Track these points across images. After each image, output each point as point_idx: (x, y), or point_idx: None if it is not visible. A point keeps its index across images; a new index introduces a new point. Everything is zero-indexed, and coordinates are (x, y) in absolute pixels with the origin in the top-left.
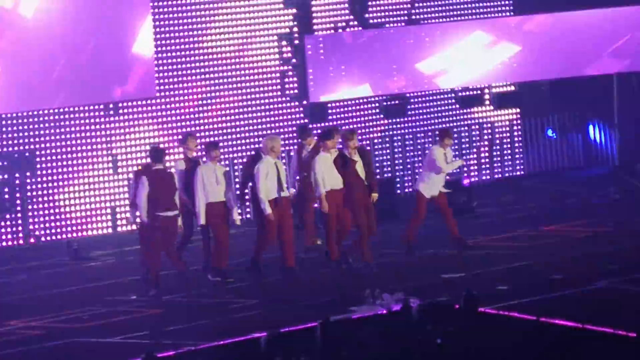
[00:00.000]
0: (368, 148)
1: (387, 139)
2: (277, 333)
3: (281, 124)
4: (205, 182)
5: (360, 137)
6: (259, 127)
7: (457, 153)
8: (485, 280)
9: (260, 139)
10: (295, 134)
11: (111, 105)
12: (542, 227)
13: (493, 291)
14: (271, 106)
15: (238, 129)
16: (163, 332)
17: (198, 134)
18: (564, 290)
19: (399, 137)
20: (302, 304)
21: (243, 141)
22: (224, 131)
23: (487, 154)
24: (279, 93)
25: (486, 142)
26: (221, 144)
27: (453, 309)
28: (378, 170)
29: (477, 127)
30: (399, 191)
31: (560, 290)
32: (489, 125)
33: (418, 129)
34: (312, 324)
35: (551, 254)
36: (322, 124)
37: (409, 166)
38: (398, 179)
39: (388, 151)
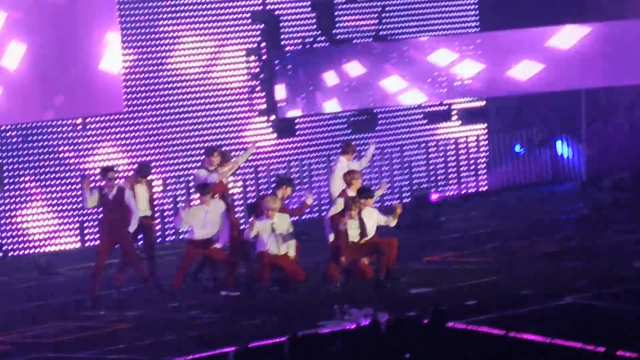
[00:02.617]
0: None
1: (355, 155)
2: (246, 348)
3: (248, 139)
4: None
5: (327, 152)
6: (227, 142)
7: (424, 169)
8: (454, 296)
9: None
10: (264, 152)
11: (79, 121)
12: (510, 242)
13: (461, 306)
14: (239, 121)
15: (205, 144)
16: (133, 347)
17: (165, 150)
18: (532, 306)
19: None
20: (271, 318)
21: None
22: (192, 146)
23: (454, 169)
24: (247, 108)
25: (453, 158)
26: (189, 159)
27: (421, 324)
28: None
29: (444, 142)
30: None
31: (528, 306)
32: (457, 140)
33: (387, 144)
34: (280, 338)
35: (519, 270)
36: (290, 139)
37: (376, 180)
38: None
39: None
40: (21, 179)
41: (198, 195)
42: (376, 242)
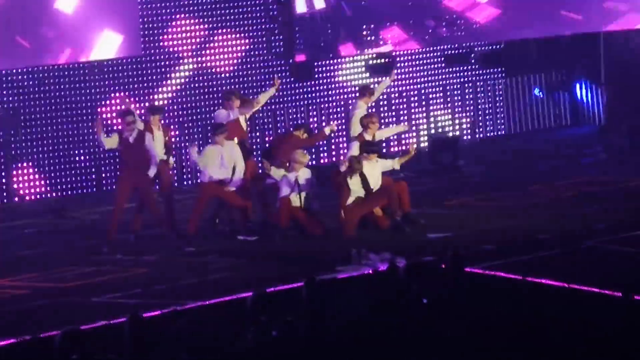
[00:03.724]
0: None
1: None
2: (263, 293)
3: (265, 82)
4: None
5: (345, 97)
6: (241, 86)
7: (443, 112)
8: (472, 241)
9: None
10: (282, 96)
11: (96, 64)
12: (529, 187)
13: (479, 251)
14: (255, 64)
15: (218, 89)
16: (149, 292)
17: (183, 94)
18: (550, 250)
19: (384, 97)
20: (289, 263)
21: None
22: (203, 90)
23: (472, 113)
24: (264, 52)
25: (472, 101)
26: (207, 102)
27: (439, 269)
28: None
29: (463, 85)
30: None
31: (546, 250)
32: (475, 83)
33: (405, 88)
34: (297, 284)
35: (538, 214)
36: (309, 83)
37: (393, 126)
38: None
39: (373, 109)
40: (37, 122)
41: (211, 135)
42: (381, 188)
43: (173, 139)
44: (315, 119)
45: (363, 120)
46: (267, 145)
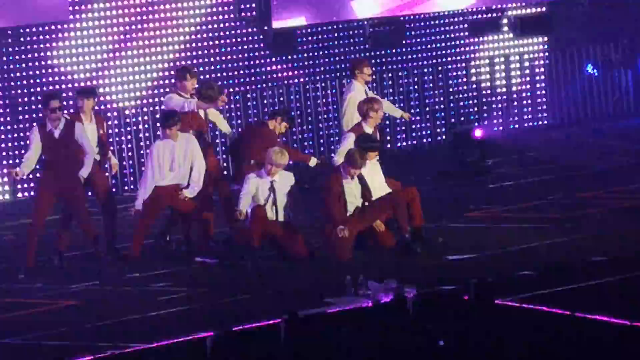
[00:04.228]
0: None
1: (375, 77)
2: (228, 332)
3: (234, 56)
4: None
5: (342, 74)
6: (205, 60)
7: (467, 96)
8: (503, 264)
9: (206, 77)
10: (257, 73)
11: (9, 32)
12: (578, 193)
13: (513, 278)
14: (221, 33)
15: (169, 65)
16: (78, 331)
17: (122, 72)
18: (605, 277)
19: (391, 75)
20: (263, 294)
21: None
22: (148, 67)
23: (504, 97)
24: (231, 16)
25: (504, 81)
26: (145, 86)
27: (461, 301)
28: None
29: (493, 61)
30: (389, 145)
31: (601, 277)
32: (509, 58)
33: (418, 63)
34: (274, 320)
35: (589, 230)
36: (289, 57)
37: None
38: (388, 130)
39: (376, 92)
40: None
41: (161, 127)
42: (385, 195)
43: (110, 131)
44: (298, 104)
45: (362, 107)
46: (234, 138)
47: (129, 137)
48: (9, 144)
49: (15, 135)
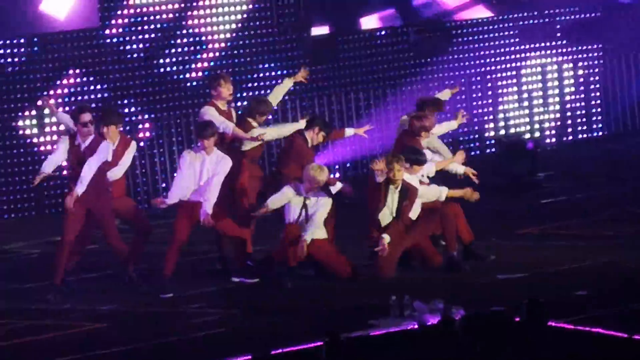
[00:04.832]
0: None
1: (419, 86)
2: (267, 355)
3: (270, 65)
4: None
5: (382, 83)
6: (239, 69)
7: (516, 106)
8: (556, 283)
9: (241, 86)
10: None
11: (35, 39)
12: (634, 209)
13: (567, 298)
14: (257, 40)
15: (208, 72)
16: (112, 354)
17: (153, 82)
18: None
19: (435, 84)
20: (303, 315)
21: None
22: (193, 75)
23: (557, 107)
24: (269, 22)
25: (556, 90)
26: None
27: (512, 322)
28: None
29: (544, 69)
30: None
31: None
32: (561, 66)
33: (463, 72)
34: (315, 343)
35: None
36: (329, 66)
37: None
38: None
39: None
40: None
41: (197, 137)
42: (433, 211)
43: (141, 144)
44: (339, 114)
45: (415, 124)
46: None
47: (161, 150)
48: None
49: (42, 148)
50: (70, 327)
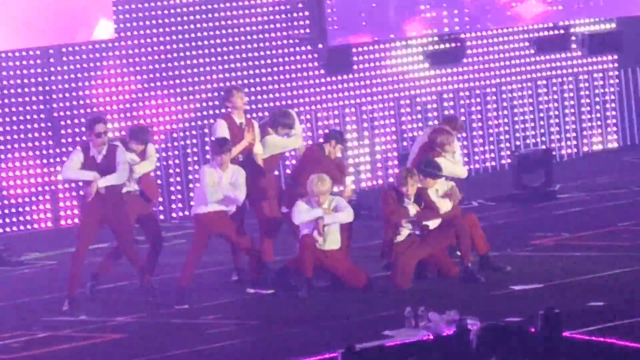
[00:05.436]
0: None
1: (435, 97)
2: None
3: (287, 76)
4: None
5: (397, 95)
6: (254, 81)
7: (531, 117)
8: (571, 294)
9: (257, 98)
10: (311, 94)
11: (51, 51)
12: None
13: (582, 309)
14: (274, 51)
15: (224, 84)
16: None
17: (170, 93)
18: None
19: (451, 94)
20: (319, 326)
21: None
22: (205, 86)
23: (572, 118)
24: (284, 34)
25: (572, 102)
26: (201, 104)
27: (527, 333)
28: None
29: (559, 80)
30: None
31: None
32: (577, 78)
33: (479, 83)
34: (330, 354)
35: None
36: (345, 76)
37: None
38: None
39: (436, 113)
40: None
41: (212, 154)
42: (449, 222)
43: (158, 155)
44: (354, 126)
45: (435, 138)
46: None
47: (176, 161)
48: (51, 161)
49: (58, 159)
50: (87, 338)
